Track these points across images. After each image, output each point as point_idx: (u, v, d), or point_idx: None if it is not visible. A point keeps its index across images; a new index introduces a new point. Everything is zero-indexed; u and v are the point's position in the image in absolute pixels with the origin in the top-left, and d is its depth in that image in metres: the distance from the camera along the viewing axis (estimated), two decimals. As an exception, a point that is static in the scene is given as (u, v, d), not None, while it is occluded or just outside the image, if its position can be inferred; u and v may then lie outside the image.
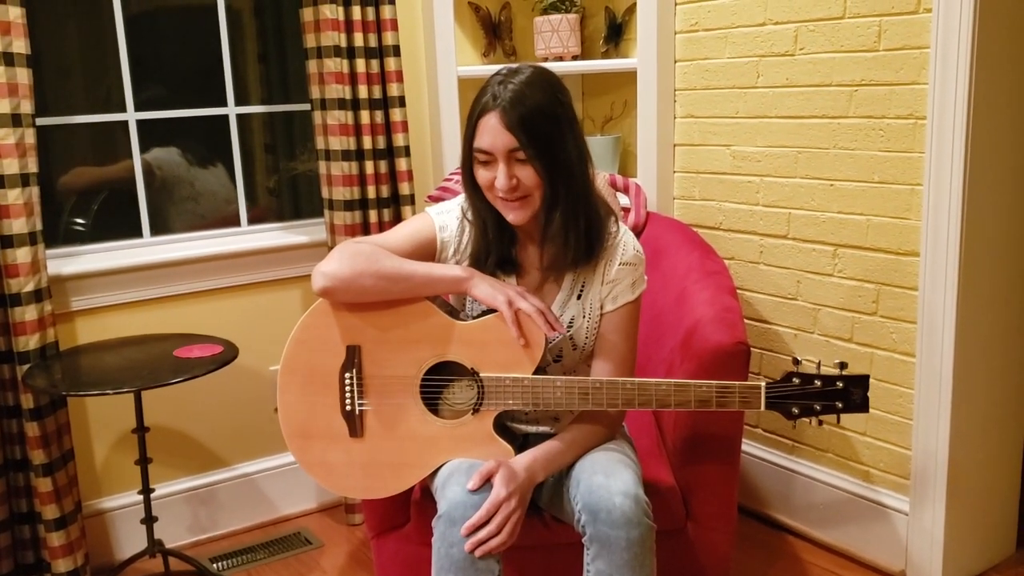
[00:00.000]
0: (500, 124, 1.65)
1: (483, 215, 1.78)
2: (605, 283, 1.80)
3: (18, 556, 2.44)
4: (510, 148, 1.66)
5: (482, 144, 1.68)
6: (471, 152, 1.71)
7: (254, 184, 2.98)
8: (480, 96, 1.70)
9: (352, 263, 1.70)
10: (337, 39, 2.61)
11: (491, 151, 1.67)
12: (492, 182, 1.70)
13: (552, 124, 1.68)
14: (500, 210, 1.74)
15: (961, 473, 2.33)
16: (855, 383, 1.70)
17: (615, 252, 1.79)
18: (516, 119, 1.64)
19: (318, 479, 1.82)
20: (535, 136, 1.66)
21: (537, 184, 1.69)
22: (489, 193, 1.73)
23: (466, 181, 1.77)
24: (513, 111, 1.64)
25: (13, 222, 2.28)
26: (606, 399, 1.71)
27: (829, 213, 2.47)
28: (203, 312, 2.75)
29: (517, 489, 1.65)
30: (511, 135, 1.65)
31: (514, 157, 1.67)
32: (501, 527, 1.62)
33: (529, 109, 1.65)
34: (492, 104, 1.66)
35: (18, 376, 2.33)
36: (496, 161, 1.68)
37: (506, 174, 1.67)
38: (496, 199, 1.73)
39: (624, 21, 2.95)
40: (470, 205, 1.80)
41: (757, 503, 2.80)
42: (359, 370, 1.77)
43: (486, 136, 1.67)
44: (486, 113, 1.67)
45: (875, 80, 2.32)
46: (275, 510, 2.92)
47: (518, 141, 1.65)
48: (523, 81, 1.67)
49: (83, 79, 2.74)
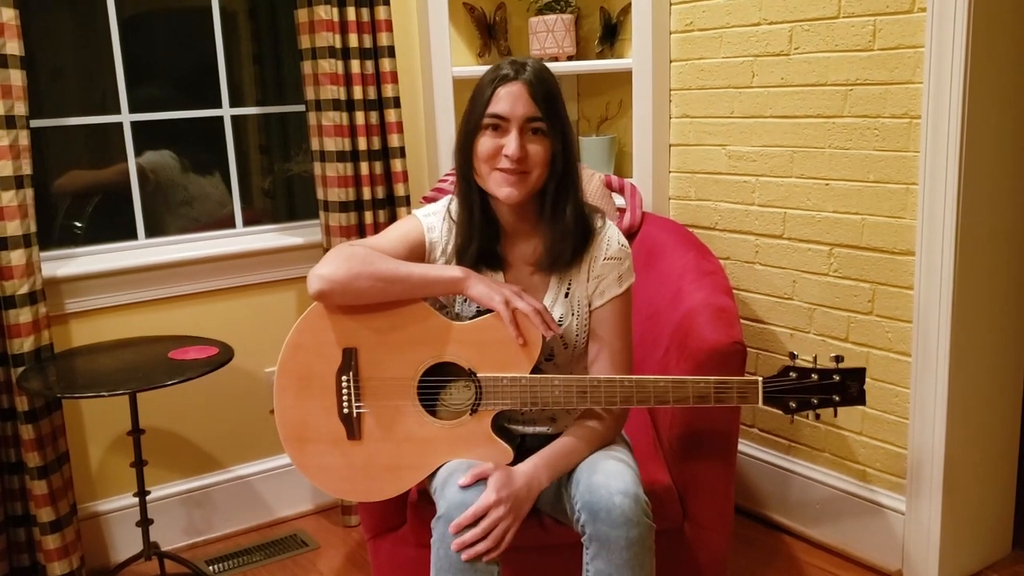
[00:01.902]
0: (525, 91, 1.69)
1: (470, 202, 1.78)
2: (591, 279, 1.80)
3: (13, 559, 2.43)
4: (530, 116, 1.70)
5: (500, 109, 1.69)
6: (479, 121, 1.71)
7: (249, 186, 2.97)
8: (492, 73, 1.72)
9: (348, 266, 1.70)
10: (332, 40, 2.61)
11: (509, 117, 1.69)
12: (497, 151, 1.70)
13: (563, 110, 1.74)
14: (493, 186, 1.73)
15: (957, 472, 2.34)
16: (852, 376, 1.70)
17: (599, 247, 1.80)
18: (542, 91, 1.70)
19: (316, 483, 1.82)
20: (554, 113, 1.72)
21: (542, 161, 1.72)
22: (486, 165, 1.72)
23: (461, 160, 1.77)
24: (539, 84, 1.70)
25: (7, 224, 2.27)
26: (604, 397, 1.71)
27: (824, 213, 2.47)
28: (198, 314, 2.74)
29: (511, 496, 1.63)
30: (535, 104, 1.69)
31: (529, 128, 1.70)
32: (487, 531, 1.60)
33: (550, 88, 1.72)
34: (515, 75, 1.70)
35: (13, 378, 2.32)
36: (508, 130, 1.70)
37: (518, 141, 1.69)
38: (493, 172, 1.72)
39: (619, 21, 2.95)
40: (458, 190, 1.80)
41: (754, 503, 2.80)
42: (356, 372, 1.76)
43: (506, 102, 1.69)
44: (508, 82, 1.69)
45: (870, 79, 2.32)
46: (271, 512, 2.91)
47: (541, 111, 1.70)
48: (536, 65, 1.74)
49: (77, 81, 2.73)
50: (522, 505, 1.66)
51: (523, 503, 1.66)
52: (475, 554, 1.60)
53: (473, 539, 1.60)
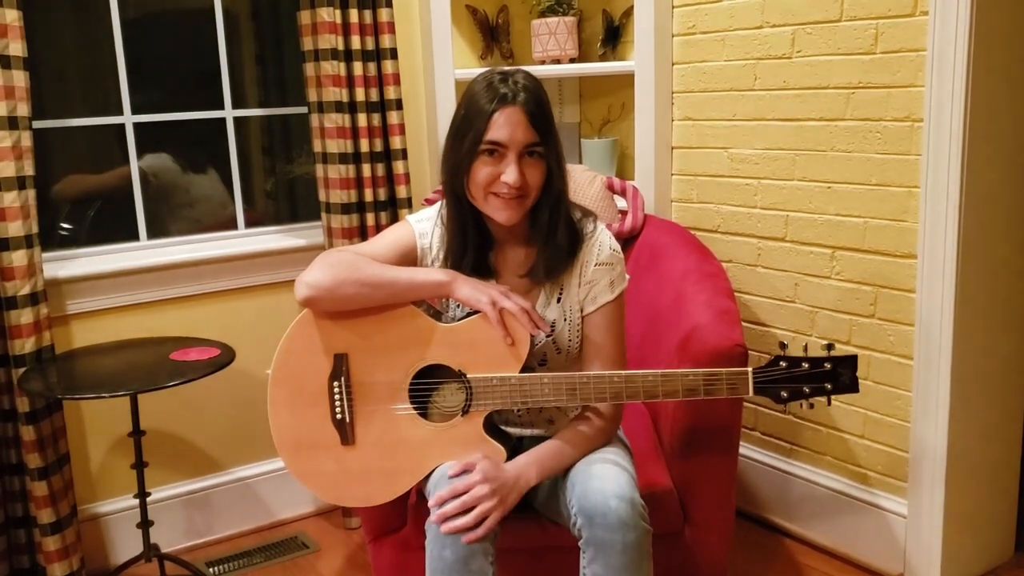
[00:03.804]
0: (524, 118, 1.66)
1: (463, 218, 1.77)
2: (583, 284, 1.80)
3: (13, 561, 2.43)
4: (528, 143, 1.67)
5: (499, 136, 1.66)
6: (475, 147, 1.68)
7: (251, 187, 2.97)
8: (488, 93, 1.68)
9: (334, 272, 1.70)
10: (334, 42, 2.61)
11: (507, 144, 1.67)
12: (494, 178, 1.69)
13: (554, 126, 1.72)
14: (491, 209, 1.72)
15: (959, 475, 2.33)
16: (843, 364, 1.69)
17: (591, 253, 1.79)
18: (539, 115, 1.68)
19: (312, 489, 1.82)
20: (549, 134, 1.70)
21: (538, 183, 1.71)
22: (482, 191, 1.71)
23: (451, 182, 1.75)
24: (536, 108, 1.68)
25: (9, 225, 2.27)
26: (594, 393, 1.71)
27: (826, 215, 2.47)
28: (200, 315, 2.74)
29: (496, 479, 1.65)
30: (533, 131, 1.67)
31: (526, 151, 1.68)
32: (468, 506, 1.62)
33: (543, 108, 1.70)
34: (511, 99, 1.66)
35: (14, 379, 2.32)
36: (504, 157, 1.68)
37: (517, 169, 1.67)
38: (490, 197, 1.71)
39: (621, 24, 2.95)
40: (450, 208, 1.78)
41: (754, 506, 2.79)
42: (347, 378, 1.77)
43: (504, 129, 1.66)
44: (505, 107, 1.66)
45: (872, 83, 2.32)
46: (272, 514, 2.91)
47: (538, 136, 1.68)
48: (527, 81, 1.70)
49: (80, 82, 2.73)
50: (508, 494, 1.67)
51: (509, 491, 1.67)
52: (455, 528, 1.61)
53: (453, 511, 1.62)
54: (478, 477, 1.65)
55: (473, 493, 1.63)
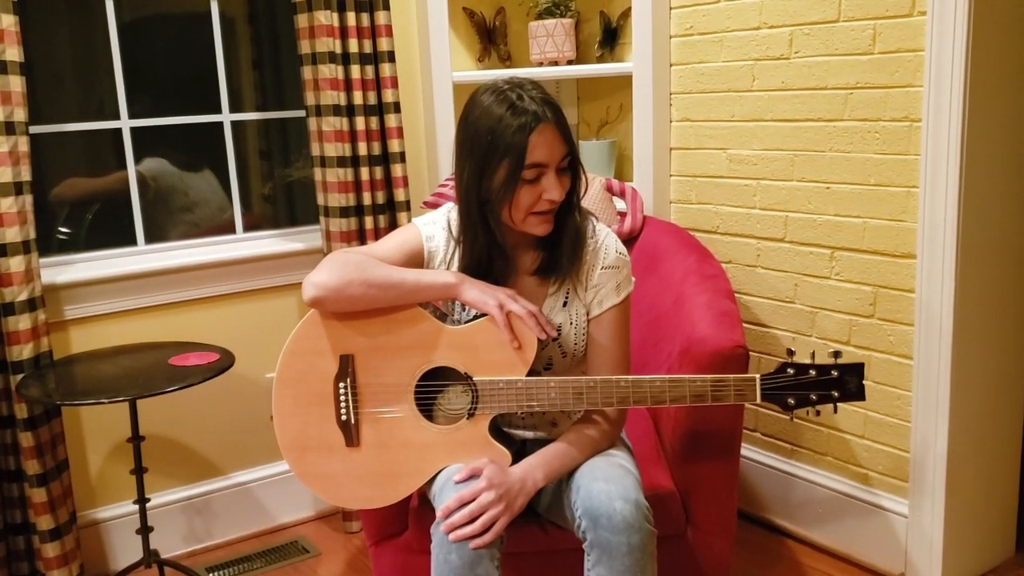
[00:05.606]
0: (557, 134, 1.67)
1: (481, 239, 1.75)
2: (589, 288, 1.80)
3: (12, 567, 2.42)
4: (562, 156, 1.69)
5: (540, 158, 1.65)
6: (517, 175, 1.64)
7: (249, 191, 2.97)
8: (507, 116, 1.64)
9: (341, 272, 1.70)
10: (332, 45, 2.61)
11: (548, 163, 1.67)
12: (538, 199, 1.68)
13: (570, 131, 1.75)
14: (529, 227, 1.72)
15: (960, 475, 2.33)
16: (850, 371, 1.68)
17: (597, 256, 1.79)
18: (565, 127, 1.69)
19: (316, 491, 1.81)
20: (573, 143, 1.72)
21: (566, 192, 1.73)
22: (521, 212, 1.69)
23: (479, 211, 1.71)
24: (562, 119, 1.69)
25: (7, 230, 2.26)
26: (600, 397, 1.71)
27: (826, 216, 2.47)
28: (199, 320, 2.73)
29: (502, 484, 1.65)
30: (565, 144, 1.68)
31: (561, 167, 1.69)
32: (475, 514, 1.61)
33: (564, 118, 1.71)
34: (542, 117, 1.65)
35: (12, 386, 2.31)
36: (544, 175, 1.67)
37: (559, 184, 1.68)
38: (529, 217, 1.70)
39: (619, 25, 2.95)
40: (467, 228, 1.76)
41: (756, 507, 2.79)
42: (353, 379, 1.76)
43: (544, 149, 1.65)
44: (537, 126, 1.64)
45: (870, 83, 2.32)
46: (272, 519, 2.90)
47: (568, 148, 1.69)
48: (543, 93, 1.69)
49: (77, 87, 2.73)
50: (515, 498, 1.66)
51: (515, 496, 1.66)
52: (462, 536, 1.60)
53: (461, 520, 1.61)
54: (484, 484, 1.64)
55: (480, 501, 1.63)
